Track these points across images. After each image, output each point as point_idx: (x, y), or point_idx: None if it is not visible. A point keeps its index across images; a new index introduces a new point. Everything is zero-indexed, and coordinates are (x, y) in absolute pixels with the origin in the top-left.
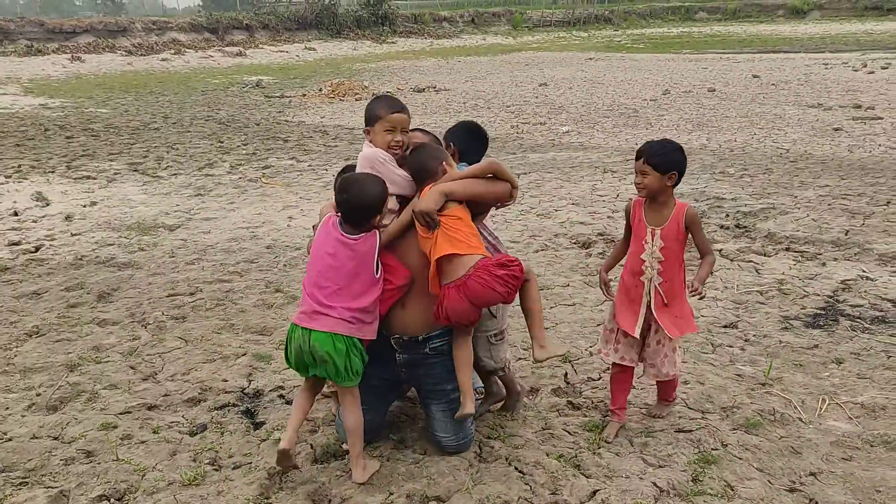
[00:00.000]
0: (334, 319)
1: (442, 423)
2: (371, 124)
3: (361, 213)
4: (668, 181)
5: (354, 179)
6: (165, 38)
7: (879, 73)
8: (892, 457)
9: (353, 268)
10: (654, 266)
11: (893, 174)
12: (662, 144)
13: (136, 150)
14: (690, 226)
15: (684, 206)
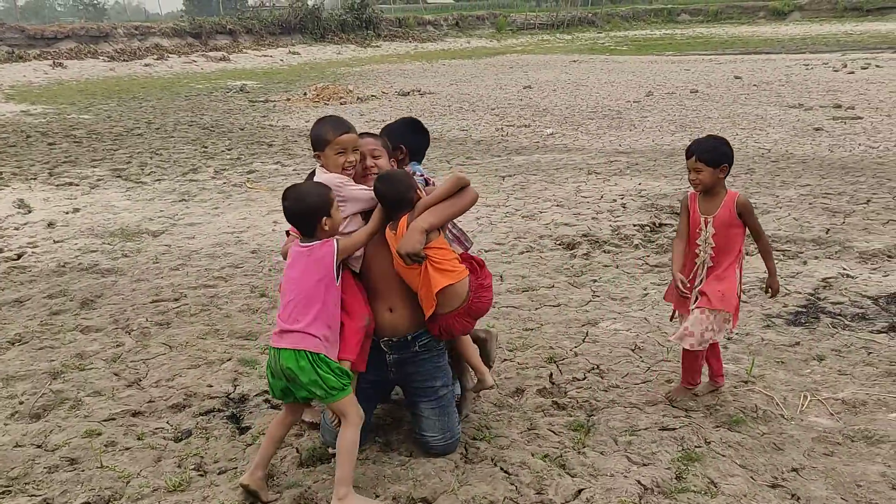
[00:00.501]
0: (299, 335)
1: (430, 421)
2: (321, 149)
3: (304, 218)
4: (720, 174)
5: (293, 187)
6: (148, 43)
7: (859, 74)
8: (873, 452)
9: (313, 277)
10: (707, 251)
11: (873, 173)
12: (710, 140)
13: (119, 157)
14: (742, 212)
15: (735, 194)
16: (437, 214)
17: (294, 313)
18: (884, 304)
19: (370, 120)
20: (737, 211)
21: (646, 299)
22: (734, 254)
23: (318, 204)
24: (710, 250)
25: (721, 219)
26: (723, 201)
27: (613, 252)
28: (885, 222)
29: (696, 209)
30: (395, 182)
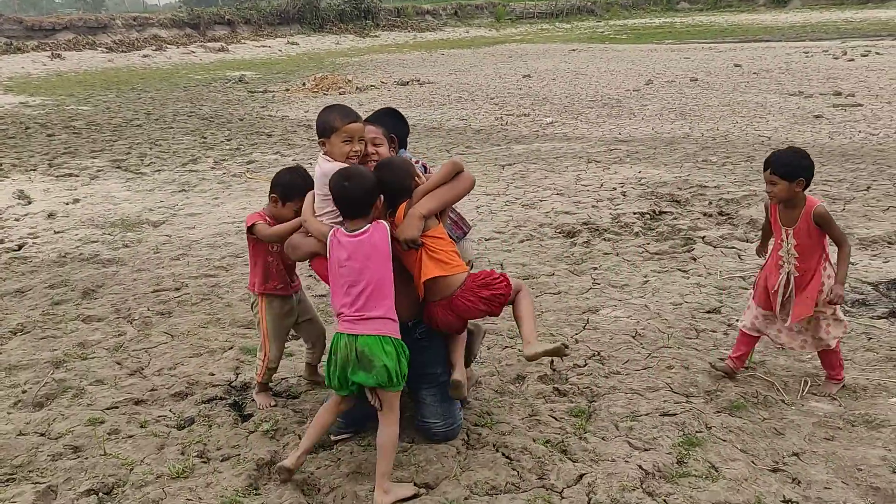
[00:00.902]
0: (380, 321)
1: (432, 407)
2: (327, 136)
3: (365, 200)
4: (796, 187)
5: (346, 172)
6: (146, 34)
7: (859, 61)
8: (873, 436)
9: (378, 263)
10: (791, 262)
11: (873, 160)
12: (788, 154)
13: (118, 147)
14: (821, 223)
15: (813, 205)
16: (435, 200)
17: (370, 301)
18: (884, 290)
19: (369, 110)
20: (815, 222)
21: (646, 286)
22: (817, 257)
23: (375, 185)
24: (794, 261)
25: (801, 230)
26: (801, 213)
27: (613, 240)
28: (885, 209)
29: (777, 218)
30: (395, 169)
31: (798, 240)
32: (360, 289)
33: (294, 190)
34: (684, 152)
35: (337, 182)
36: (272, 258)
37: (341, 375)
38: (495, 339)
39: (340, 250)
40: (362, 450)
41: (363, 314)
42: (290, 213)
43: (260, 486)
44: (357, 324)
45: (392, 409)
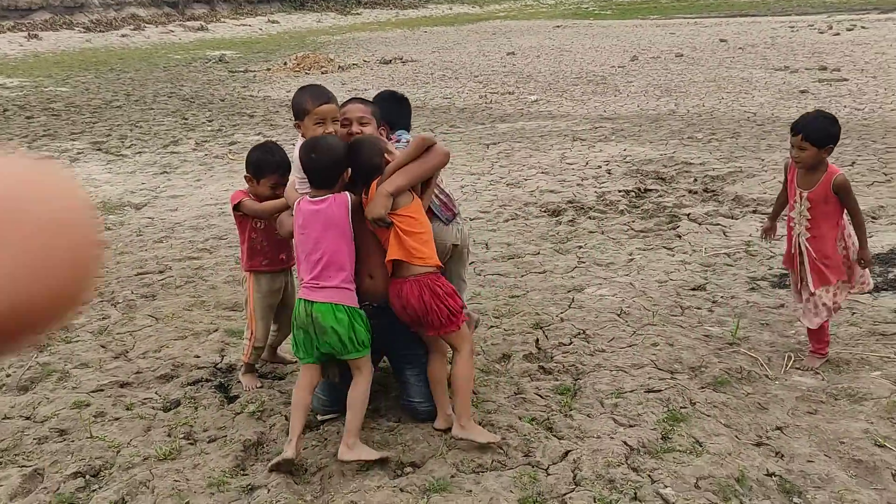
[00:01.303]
0: (334, 290)
1: (416, 387)
2: (300, 118)
3: (332, 170)
4: (824, 153)
5: (314, 141)
6: (124, 13)
7: (844, 35)
8: (855, 409)
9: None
10: (803, 223)
11: (858, 135)
12: (819, 119)
13: (98, 129)
14: (839, 192)
15: (834, 173)
16: (403, 176)
17: (326, 270)
18: None
19: (352, 89)
20: (833, 190)
21: (631, 265)
22: (832, 225)
23: (342, 157)
24: (806, 222)
25: (817, 195)
26: (822, 178)
27: (598, 218)
28: (869, 184)
29: (794, 179)
30: (363, 147)
31: (812, 203)
32: (317, 257)
33: (265, 166)
34: (669, 129)
35: (304, 152)
36: (256, 234)
37: (304, 342)
38: (480, 319)
39: (299, 216)
40: (337, 433)
41: (318, 283)
42: (266, 190)
43: (247, 467)
44: (314, 291)
45: (360, 370)
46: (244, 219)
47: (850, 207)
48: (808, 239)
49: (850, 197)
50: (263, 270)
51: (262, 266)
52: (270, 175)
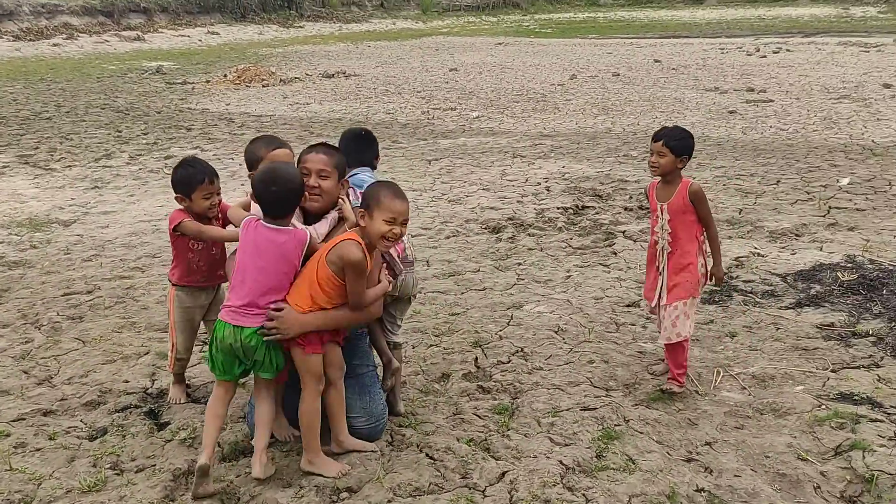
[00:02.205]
0: (261, 316)
1: (351, 400)
2: (253, 167)
3: (289, 202)
4: (679, 163)
5: (271, 169)
6: (56, 21)
7: (771, 58)
8: (780, 423)
9: (282, 269)
10: (665, 237)
11: (783, 155)
12: (679, 130)
13: (26, 142)
14: (694, 199)
15: (688, 182)
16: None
17: (264, 297)
18: (791, 282)
19: (293, 102)
20: (689, 198)
21: (569, 281)
22: (690, 237)
23: (300, 188)
24: (668, 236)
25: (675, 205)
26: (677, 189)
27: (538, 235)
28: (793, 202)
29: (654, 196)
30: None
31: (672, 215)
32: (258, 286)
33: (191, 179)
34: (606, 147)
35: (262, 181)
36: (193, 255)
37: (225, 363)
38: (420, 338)
39: (249, 239)
40: (283, 454)
41: (251, 310)
42: (201, 202)
43: (177, 497)
44: (245, 318)
45: (263, 389)
46: (180, 238)
47: (702, 216)
48: (669, 253)
49: (703, 206)
50: (189, 285)
51: (199, 283)
52: (200, 186)
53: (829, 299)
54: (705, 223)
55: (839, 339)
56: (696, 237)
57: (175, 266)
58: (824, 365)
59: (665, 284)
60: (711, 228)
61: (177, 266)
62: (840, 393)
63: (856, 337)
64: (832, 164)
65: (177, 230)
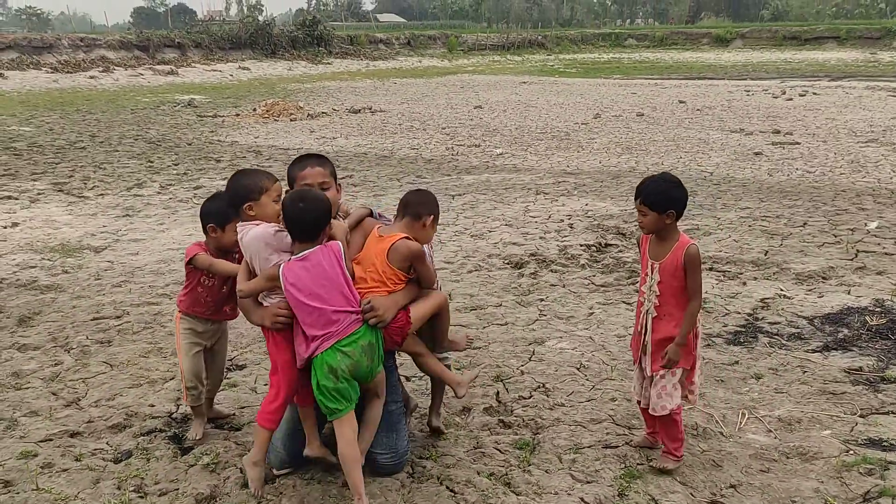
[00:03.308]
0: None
1: (378, 438)
2: (256, 197)
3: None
4: (666, 219)
5: (298, 194)
6: (93, 55)
7: (797, 100)
8: (807, 468)
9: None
10: (652, 300)
11: (809, 197)
12: (658, 183)
13: (60, 170)
14: (687, 264)
15: (686, 243)
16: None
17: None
18: (818, 325)
19: (320, 136)
20: (683, 262)
21: (591, 318)
22: (681, 304)
23: (328, 208)
24: (655, 299)
25: (667, 267)
26: (672, 248)
27: (560, 271)
28: (820, 245)
29: (646, 250)
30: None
31: (662, 276)
32: (322, 314)
33: (228, 214)
34: (630, 185)
35: (291, 203)
36: (202, 289)
37: (345, 391)
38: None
39: (290, 281)
40: (305, 483)
41: (332, 330)
42: (232, 236)
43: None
44: (332, 339)
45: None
46: (195, 272)
47: (689, 286)
48: (654, 318)
49: (695, 274)
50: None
51: (204, 314)
52: (234, 218)
53: (858, 343)
54: (690, 294)
55: (868, 383)
56: (688, 304)
57: (185, 294)
58: (852, 410)
59: (649, 354)
60: (693, 303)
61: (186, 295)
62: (869, 438)
63: (885, 382)
64: (860, 208)
65: (191, 263)
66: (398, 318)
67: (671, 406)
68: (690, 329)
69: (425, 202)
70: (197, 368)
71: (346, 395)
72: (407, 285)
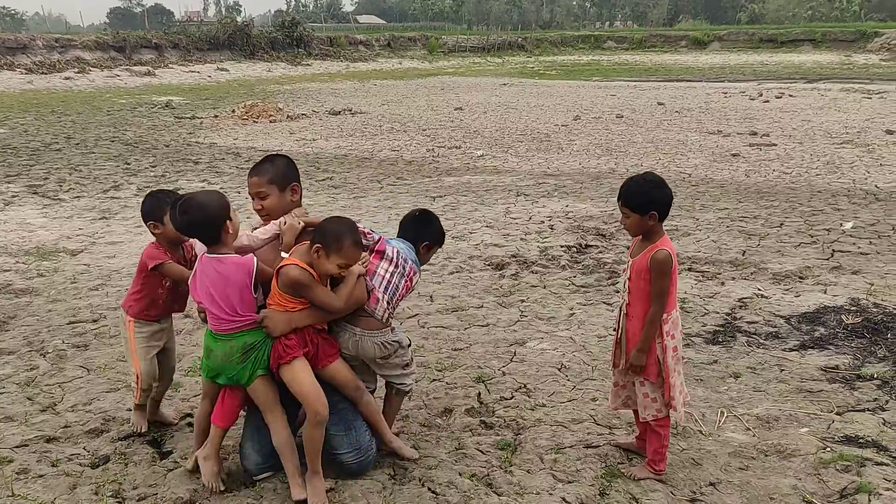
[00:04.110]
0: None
1: (337, 438)
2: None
3: (208, 227)
4: (649, 220)
5: (187, 199)
6: (69, 56)
7: (774, 102)
8: (785, 465)
9: (234, 291)
10: (624, 298)
11: (786, 198)
12: (639, 184)
13: (35, 172)
14: (652, 268)
15: (659, 246)
16: (312, 319)
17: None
18: (795, 324)
19: (300, 138)
20: (649, 264)
21: (572, 319)
22: (647, 308)
23: (218, 210)
24: (627, 297)
25: (637, 267)
26: (646, 249)
27: (541, 272)
28: (796, 245)
29: (630, 249)
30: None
31: (632, 275)
32: (220, 311)
33: (161, 206)
34: (610, 187)
35: (176, 215)
36: (162, 291)
37: None
38: (423, 373)
39: (201, 268)
40: (285, 489)
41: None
42: (172, 231)
43: None
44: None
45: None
46: (152, 275)
47: (652, 289)
48: (625, 316)
49: (659, 280)
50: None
51: (154, 318)
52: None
53: (834, 342)
54: (652, 298)
55: (844, 381)
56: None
57: (137, 299)
58: (829, 407)
59: (624, 351)
60: (654, 308)
61: (139, 300)
62: (845, 436)
63: (861, 380)
64: (835, 208)
65: (156, 269)
66: (288, 339)
67: (648, 415)
68: (651, 336)
69: (323, 230)
70: (154, 371)
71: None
72: (309, 308)
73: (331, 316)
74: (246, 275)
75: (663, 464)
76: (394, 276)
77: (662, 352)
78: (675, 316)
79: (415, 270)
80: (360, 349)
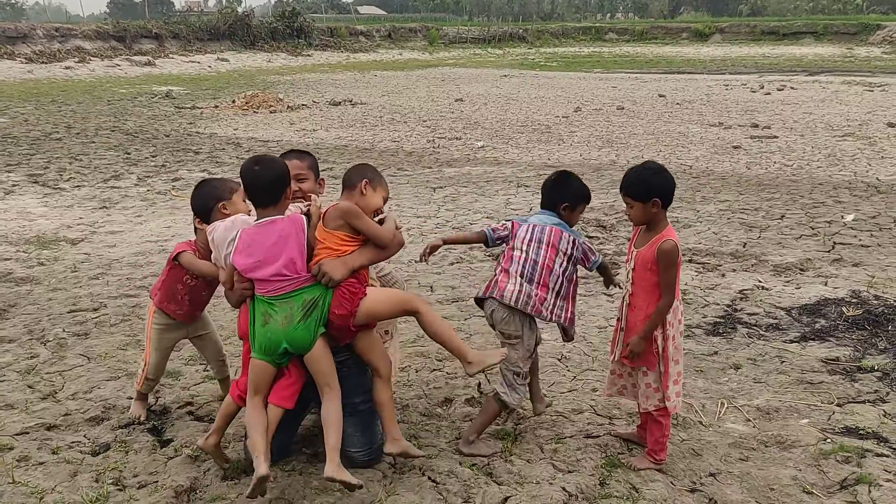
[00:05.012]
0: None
1: (353, 438)
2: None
3: (275, 186)
4: (652, 208)
5: (255, 159)
6: (69, 45)
7: (775, 95)
8: (785, 456)
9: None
10: (627, 288)
11: (787, 190)
12: (639, 172)
13: (36, 161)
14: (659, 259)
15: (665, 237)
16: (366, 258)
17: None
18: (796, 315)
19: (300, 129)
20: (656, 255)
21: None
22: (651, 300)
23: (286, 172)
24: (630, 287)
25: (643, 258)
26: (652, 239)
27: None
28: (797, 237)
29: (633, 239)
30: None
31: (636, 266)
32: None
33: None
34: (610, 179)
35: (248, 167)
36: (182, 287)
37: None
38: (423, 362)
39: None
40: (286, 475)
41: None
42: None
43: None
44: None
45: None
46: (176, 268)
47: (661, 281)
48: (628, 306)
49: (668, 271)
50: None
51: (175, 313)
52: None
53: (835, 334)
54: (661, 289)
55: (844, 373)
56: (657, 301)
57: (159, 288)
58: (829, 399)
59: (621, 341)
60: (665, 299)
61: (160, 289)
62: (845, 427)
63: (861, 372)
64: (836, 201)
65: (176, 260)
66: (350, 283)
67: (650, 405)
68: (656, 325)
69: (357, 171)
70: (162, 364)
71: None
72: (361, 247)
73: (382, 254)
74: (301, 229)
75: (664, 453)
76: (530, 248)
77: (663, 340)
78: (677, 306)
79: (559, 233)
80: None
